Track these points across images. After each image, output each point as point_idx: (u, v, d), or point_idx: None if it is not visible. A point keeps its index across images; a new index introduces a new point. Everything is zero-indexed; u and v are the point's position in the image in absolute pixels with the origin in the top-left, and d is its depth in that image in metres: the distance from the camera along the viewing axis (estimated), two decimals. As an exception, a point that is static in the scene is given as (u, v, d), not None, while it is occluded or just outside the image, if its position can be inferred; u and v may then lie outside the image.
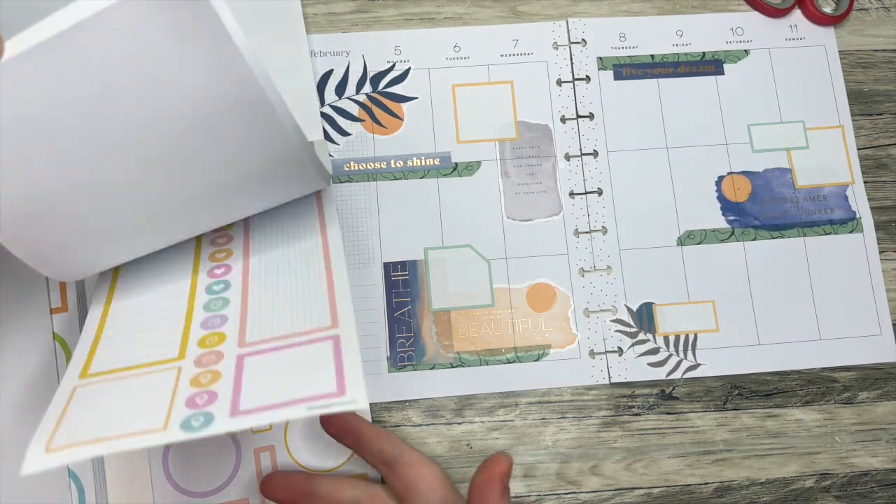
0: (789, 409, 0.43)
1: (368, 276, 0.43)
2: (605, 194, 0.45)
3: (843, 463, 0.42)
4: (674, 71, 0.47)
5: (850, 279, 0.44)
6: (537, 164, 0.45)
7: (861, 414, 0.43)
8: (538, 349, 0.43)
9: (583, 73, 0.47)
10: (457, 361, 0.42)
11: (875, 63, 0.48)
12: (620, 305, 0.44)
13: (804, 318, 0.44)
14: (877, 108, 0.47)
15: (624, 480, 0.41)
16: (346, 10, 0.47)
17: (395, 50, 0.46)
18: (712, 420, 0.42)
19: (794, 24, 0.48)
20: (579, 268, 0.44)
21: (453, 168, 0.45)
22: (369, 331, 0.42)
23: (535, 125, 0.46)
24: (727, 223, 0.45)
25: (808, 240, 0.45)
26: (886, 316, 0.44)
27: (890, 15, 0.49)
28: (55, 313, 0.40)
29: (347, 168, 0.45)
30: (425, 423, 0.41)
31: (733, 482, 0.41)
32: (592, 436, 0.42)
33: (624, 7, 0.48)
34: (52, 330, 0.39)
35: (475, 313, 0.43)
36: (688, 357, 0.43)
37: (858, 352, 0.43)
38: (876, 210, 0.45)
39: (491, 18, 0.47)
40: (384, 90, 0.46)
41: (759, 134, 0.46)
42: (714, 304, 0.44)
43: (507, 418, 0.42)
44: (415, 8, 0.47)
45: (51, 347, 0.39)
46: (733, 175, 0.46)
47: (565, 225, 0.45)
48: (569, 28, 0.47)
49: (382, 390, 0.41)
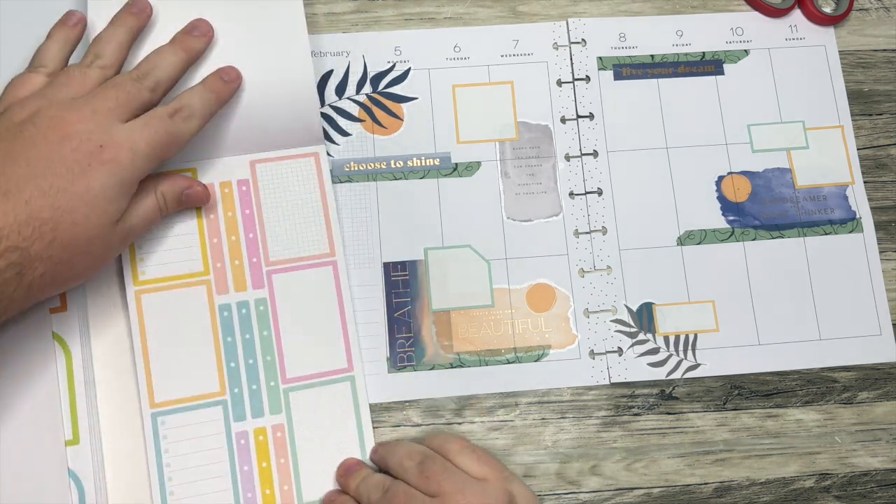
0: (789, 409, 0.43)
1: (368, 276, 0.43)
2: (605, 194, 0.45)
3: (843, 463, 0.42)
4: (674, 71, 0.47)
5: (850, 279, 0.44)
6: (537, 165, 0.45)
7: (861, 414, 0.43)
8: (538, 349, 0.43)
9: (583, 74, 0.47)
10: (457, 362, 0.42)
11: (875, 63, 0.48)
12: (620, 305, 0.44)
13: (804, 318, 0.44)
14: (877, 108, 0.47)
15: (624, 480, 0.41)
16: (346, 10, 0.47)
17: (396, 50, 0.46)
18: (712, 420, 0.42)
19: (794, 24, 0.48)
20: (579, 268, 0.44)
21: (453, 168, 0.45)
22: (369, 331, 0.42)
23: (535, 125, 0.46)
24: (727, 223, 0.45)
25: (808, 240, 0.45)
26: (886, 316, 0.44)
27: (890, 15, 0.49)
28: (55, 313, 0.40)
29: (347, 168, 0.44)
30: (425, 423, 0.41)
31: (733, 482, 0.41)
32: (592, 436, 0.42)
33: (624, 7, 0.48)
34: (52, 330, 0.39)
35: (475, 314, 0.43)
36: (688, 357, 0.43)
37: (858, 352, 0.43)
38: (876, 210, 0.45)
39: (491, 18, 0.47)
40: (384, 90, 0.46)
41: (759, 134, 0.46)
42: (714, 304, 0.44)
43: (507, 418, 0.42)
44: (415, 8, 0.47)
45: (51, 347, 0.39)
46: (733, 175, 0.46)
47: (565, 225, 0.45)
48: (569, 28, 0.47)
49: (382, 390, 0.41)
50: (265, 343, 0.40)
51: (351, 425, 0.40)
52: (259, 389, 0.39)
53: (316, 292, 0.41)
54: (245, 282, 0.41)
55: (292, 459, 0.39)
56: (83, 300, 0.40)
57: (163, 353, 0.39)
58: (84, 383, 0.39)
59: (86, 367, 0.39)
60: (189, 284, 0.40)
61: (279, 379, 0.40)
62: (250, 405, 0.39)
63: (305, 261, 0.41)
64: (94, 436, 0.38)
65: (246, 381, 0.39)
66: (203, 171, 0.42)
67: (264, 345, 0.40)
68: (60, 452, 0.38)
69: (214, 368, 0.39)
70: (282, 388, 0.40)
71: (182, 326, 0.40)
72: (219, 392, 0.39)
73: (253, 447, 0.39)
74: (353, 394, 0.40)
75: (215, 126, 0.41)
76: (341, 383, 0.40)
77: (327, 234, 0.42)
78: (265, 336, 0.40)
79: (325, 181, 0.42)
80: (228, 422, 0.39)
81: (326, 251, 0.42)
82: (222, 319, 0.40)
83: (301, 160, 0.43)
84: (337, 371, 0.40)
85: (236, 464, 0.38)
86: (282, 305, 0.41)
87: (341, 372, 0.40)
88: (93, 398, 0.39)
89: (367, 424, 0.40)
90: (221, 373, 0.39)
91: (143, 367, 0.39)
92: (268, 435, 0.39)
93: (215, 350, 0.40)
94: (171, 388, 0.39)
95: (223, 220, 0.41)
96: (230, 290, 0.40)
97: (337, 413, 0.40)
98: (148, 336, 0.39)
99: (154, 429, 0.38)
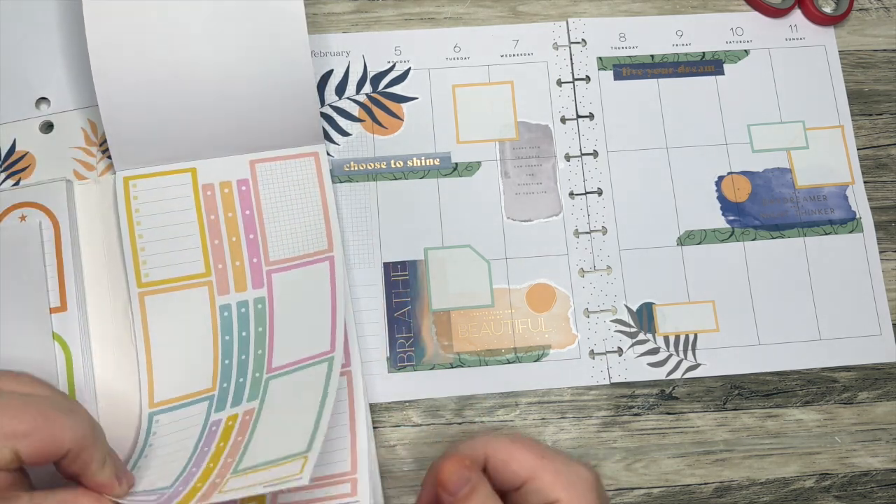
0: (789, 409, 0.43)
1: (368, 276, 0.43)
2: (605, 194, 0.45)
3: (843, 463, 0.42)
4: (674, 71, 0.47)
5: (850, 279, 0.44)
6: (537, 165, 0.45)
7: (861, 414, 0.43)
8: (538, 349, 0.43)
9: (583, 74, 0.47)
10: (457, 362, 0.42)
11: (875, 63, 0.48)
12: (620, 305, 0.44)
13: (804, 318, 0.44)
14: (877, 108, 0.47)
15: (624, 480, 0.41)
16: (346, 10, 0.47)
17: (396, 50, 0.46)
18: (712, 420, 0.42)
19: (794, 24, 0.48)
20: (579, 268, 0.44)
21: (453, 168, 0.45)
22: (369, 331, 0.42)
23: (535, 125, 0.46)
24: (727, 223, 0.45)
25: (808, 240, 0.45)
26: (886, 316, 0.44)
27: (890, 15, 0.49)
28: (55, 313, 0.40)
29: (347, 168, 0.44)
30: (425, 423, 0.41)
31: (733, 482, 0.41)
32: (592, 436, 0.42)
33: (624, 7, 0.48)
34: (51, 330, 0.39)
35: (475, 313, 0.43)
36: (688, 357, 0.43)
37: (858, 352, 0.43)
38: (876, 210, 0.45)
39: (491, 18, 0.47)
40: (384, 90, 0.46)
41: (759, 134, 0.46)
42: (714, 304, 0.44)
43: (507, 418, 0.42)
44: (415, 8, 0.47)
45: (51, 347, 0.39)
46: (733, 175, 0.46)
47: (565, 225, 0.45)
48: (569, 28, 0.47)
49: (382, 391, 0.41)
50: (259, 339, 0.40)
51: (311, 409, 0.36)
52: (245, 382, 0.39)
53: (311, 287, 0.41)
54: (245, 282, 0.41)
55: (248, 437, 0.36)
56: (83, 300, 0.40)
57: (164, 354, 0.39)
58: (84, 383, 0.39)
59: (86, 367, 0.39)
60: (191, 286, 0.40)
61: (264, 370, 0.39)
62: (232, 397, 0.39)
63: (304, 259, 0.41)
64: (94, 436, 0.38)
65: (235, 376, 0.39)
66: (203, 171, 0.42)
67: (258, 340, 0.40)
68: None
69: (210, 367, 0.39)
70: (265, 377, 0.39)
71: (183, 327, 0.40)
72: (210, 388, 0.39)
73: (220, 432, 0.37)
74: (327, 375, 0.37)
75: (215, 126, 0.41)
76: (318, 365, 0.38)
77: (326, 231, 0.42)
78: (259, 332, 0.40)
79: (324, 180, 0.42)
80: (210, 413, 0.38)
81: (325, 248, 0.42)
82: (222, 319, 0.40)
83: (301, 159, 0.43)
84: (318, 355, 0.38)
85: (199, 447, 0.37)
86: (278, 303, 0.41)
87: (322, 355, 0.38)
88: (93, 398, 0.39)
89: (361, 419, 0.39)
90: (216, 370, 0.39)
91: (146, 369, 0.39)
92: (237, 420, 0.37)
93: (213, 349, 0.40)
94: (169, 389, 0.39)
95: (223, 221, 0.41)
96: (231, 290, 0.40)
97: (302, 395, 0.37)
98: (151, 337, 0.39)
99: (147, 428, 0.38)
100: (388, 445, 0.41)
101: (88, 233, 0.42)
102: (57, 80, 0.44)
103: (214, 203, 0.41)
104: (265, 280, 0.41)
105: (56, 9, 0.44)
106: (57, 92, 0.44)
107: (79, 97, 0.44)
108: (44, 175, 0.43)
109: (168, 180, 0.42)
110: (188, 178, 0.42)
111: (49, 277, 0.40)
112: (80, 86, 0.44)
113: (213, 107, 0.41)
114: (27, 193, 0.41)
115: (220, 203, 0.41)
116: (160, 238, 0.41)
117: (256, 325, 0.40)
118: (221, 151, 0.42)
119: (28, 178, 0.42)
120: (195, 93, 0.41)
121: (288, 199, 0.42)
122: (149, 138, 0.41)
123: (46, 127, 0.43)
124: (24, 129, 0.43)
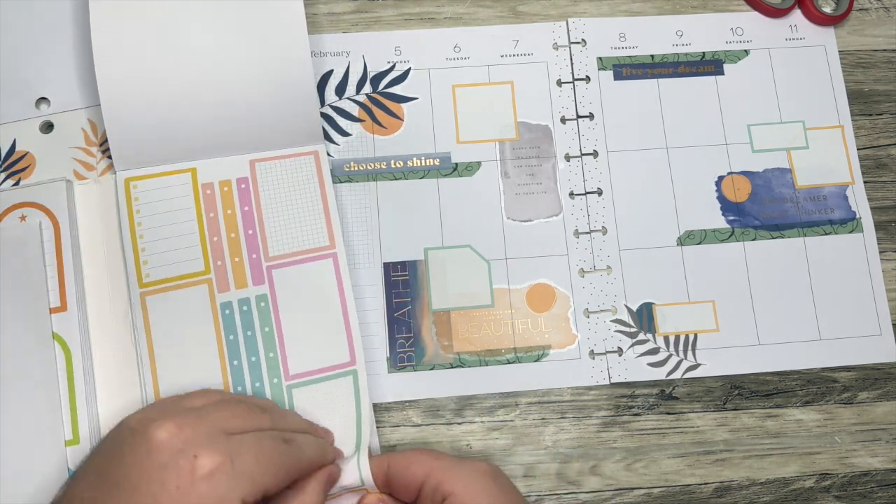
0: (789, 409, 0.43)
1: (368, 276, 0.43)
2: (604, 194, 0.45)
3: (843, 463, 0.42)
4: (674, 71, 0.47)
5: (850, 279, 0.44)
6: (537, 165, 0.45)
7: (861, 414, 0.43)
8: (538, 349, 0.43)
9: (583, 74, 0.47)
10: (457, 362, 0.42)
11: (875, 63, 0.48)
12: (620, 305, 0.44)
13: (804, 318, 0.44)
14: (877, 108, 0.47)
15: (624, 480, 0.41)
16: (346, 10, 0.47)
17: (396, 50, 0.46)
18: (712, 420, 0.42)
19: (794, 24, 0.48)
20: (579, 268, 0.44)
21: (453, 168, 0.45)
22: (369, 331, 0.42)
23: (535, 125, 0.46)
24: (727, 223, 0.45)
25: (808, 240, 0.45)
26: (886, 316, 0.44)
27: (890, 15, 0.49)
28: (55, 313, 0.40)
29: (347, 168, 0.44)
30: (425, 423, 0.41)
31: (733, 482, 0.41)
32: (592, 436, 0.42)
33: (624, 7, 0.48)
34: (51, 330, 0.39)
35: (475, 314, 0.43)
36: (688, 357, 0.43)
37: (858, 352, 0.43)
38: (876, 210, 0.45)
39: (491, 18, 0.47)
40: (384, 90, 0.46)
41: (759, 134, 0.46)
42: (714, 304, 0.44)
43: (507, 418, 0.42)
44: (415, 8, 0.47)
45: (51, 347, 0.39)
46: (733, 175, 0.46)
47: (565, 225, 0.45)
48: (569, 28, 0.47)
49: (382, 391, 0.41)
50: (267, 340, 0.40)
51: (350, 421, 0.39)
52: (262, 387, 0.39)
53: (316, 286, 0.41)
54: (245, 279, 0.41)
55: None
56: (83, 300, 0.40)
57: (167, 353, 0.39)
58: (84, 383, 0.39)
59: (86, 367, 0.39)
60: (191, 284, 0.40)
61: (282, 376, 0.40)
62: None
63: (305, 254, 0.41)
64: (94, 436, 0.38)
65: (249, 380, 0.39)
66: (203, 170, 0.42)
67: (266, 341, 0.40)
68: (60, 453, 0.38)
69: (218, 368, 0.39)
70: (285, 384, 0.39)
71: (185, 326, 0.40)
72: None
73: None
74: (356, 389, 0.40)
75: (215, 126, 0.41)
76: (344, 377, 0.40)
77: (327, 227, 0.42)
78: (266, 332, 0.40)
79: (324, 177, 0.42)
80: None
81: (326, 244, 0.42)
82: (224, 318, 0.40)
83: (301, 158, 0.43)
84: (340, 366, 0.40)
85: None
86: (283, 300, 0.41)
87: (344, 366, 0.40)
88: (93, 398, 0.39)
89: (366, 420, 0.39)
90: (225, 372, 0.39)
91: (149, 369, 0.39)
92: None
93: (218, 349, 0.40)
94: (174, 389, 0.39)
95: (222, 218, 0.41)
96: (231, 287, 0.40)
97: (338, 408, 0.39)
98: (153, 337, 0.39)
99: None
100: (388, 445, 0.41)
101: (88, 233, 0.42)
102: (57, 80, 0.44)
103: (214, 201, 0.41)
104: (265, 276, 0.41)
105: (56, 9, 0.45)
106: (57, 92, 0.44)
107: (79, 97, 0.44)
108: (44, 175, 0.43)
109: (168, 181, 0.42)
110: (188, 179, 0.42)
111: (49, 277, 0.40)
112: (80, 86, 0.44)
113: (214, 107, 0.41)
114: (27, 193, 0.42)
115: (220, 201, 0.42)
116: (161, 238, 0.41)
117: (262, 324, 0.40)
118: (222, 151, 0.42)
119: (28, 178, 0.42)
120: (196, 93, 0.41)
121: (287, 195, 0.42)
122: (150, 139, 0.41)
123: (46, 127, 0.43)
124: (24, 129, 0.43)
